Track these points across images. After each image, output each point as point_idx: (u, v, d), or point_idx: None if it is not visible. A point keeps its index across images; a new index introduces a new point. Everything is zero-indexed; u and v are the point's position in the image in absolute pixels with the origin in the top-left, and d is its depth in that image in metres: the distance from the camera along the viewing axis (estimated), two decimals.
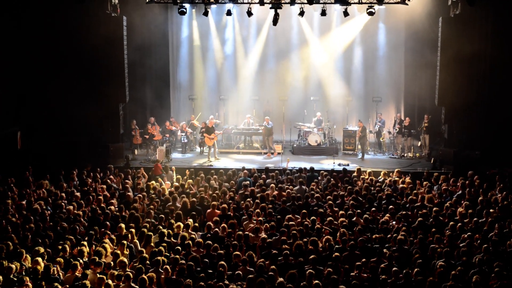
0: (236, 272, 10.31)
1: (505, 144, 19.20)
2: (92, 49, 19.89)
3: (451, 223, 12.97)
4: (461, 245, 11.67)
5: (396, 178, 16.75)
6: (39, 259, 10.77)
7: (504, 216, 13.49)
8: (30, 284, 9.77)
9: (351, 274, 10.42)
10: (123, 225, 12.45)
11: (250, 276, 10.00)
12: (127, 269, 10.46)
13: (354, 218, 13.17)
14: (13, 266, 10.47)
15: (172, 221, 13.01)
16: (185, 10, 18.07)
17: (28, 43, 20.05)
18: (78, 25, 19.58)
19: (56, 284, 9.75)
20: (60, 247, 11.38)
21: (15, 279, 10.10)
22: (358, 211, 13.74)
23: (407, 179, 16.83)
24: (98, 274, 10.34)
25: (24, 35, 19.97)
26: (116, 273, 10.29)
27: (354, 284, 10.00)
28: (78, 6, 15.28)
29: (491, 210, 13.77)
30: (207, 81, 24.42)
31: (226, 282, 9.94)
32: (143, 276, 9.93)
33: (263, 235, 12.18)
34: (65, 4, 17.63)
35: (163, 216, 13.28)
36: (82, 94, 20.03)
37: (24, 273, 10.32)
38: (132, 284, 9.76)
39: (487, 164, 18.28)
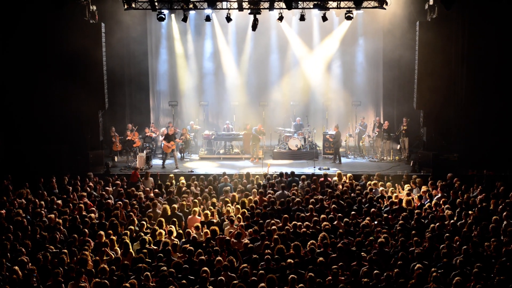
0: (219, 278, 10.31)
1: (483, 147, 19.37)
2: (71, 56, 19.79)
3: (432, 225, 13.08)
4: (441, 247, 11.77)
5: (376, 182, 16.87)
6: (17, 268, 10.69)
7: (482, 217, 13.63)
8: None
9: (334, 277, 10.49)
10: (102, 233, 12.40)
11: (234, 282, 10.01)
12: (108, 277, 10.42)
13: (335, 222, 13.22)
14: None
15: (154, 227, 12.99)
16: (163, 17, 18.06)
17: (8, 51, 19.91)
18: (57, 32, 19.50)
19: None
20: (40, 256, 11.32)
21: None
22: (339, 215, 13.80)
23: (388, 183, 16.95)
24: (79, 283, 10.30)
25: (4, 43, 19.82)
26: (97, 281, 10.24)
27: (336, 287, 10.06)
28: (57, 13, 15.18)
29: (470, 212, 13.91)
30: (187, 87, 24.38)
31: (208, 287, 9.95)
32: (125, 283, 9.89)
33: (245, 240, 12.19)
34: (44, 11, 17.51)
35: (144, 222, 13.25)
36: (61, 101, 19.94)
37: (2, 283, 10.23)
38: None
39: (465, 166, 18.47)
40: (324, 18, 18.96)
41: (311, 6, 17.95)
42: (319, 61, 24.08)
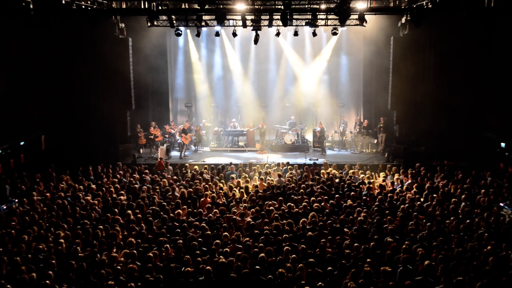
0: (226, 249, 10.40)
1: (445, 141, 19.44)
2: (103, 65, 19.89)
3: (402, 206, 13.14)
4: (410, 224, 11.85)
5: (357, 170, 16.93)
6: (62, 240, 10.81)
7: (444, 199, 13.70)
8: (55, 262, 9.79)
9: (322, 249, 10.57)
10: (130, 212, 12.50)
11: (239, 253, 10.11)
12: (134, 248, 10.52)
13: (323, 203, 13.28)
14: (41, 247, 10.52)
15: (172, 208, 13.07)
16: (180, 32, 18.07)
17: (51, 62, 19.99)
18: (92, 45, 19.57)
19: (76, 261, 9.80)
20: (79, 230, 11.43)
21: (42, 257, 10.15)
22: (326, 197, 13.87)
23: (367, 171, 17.02)
24: (112, 253, 10.40)
25: (48, 55, 19.90)
26: (126, 251, 10.35)
27: (323, 258, 10.14)
28: (92, 29, 15.24)
29: (434, 195, 13.96)
30: (200, 91, 24.38)
31: (217, 257, 10.04)
32: (149, 253, 10.00)
33: (248, 218, 12.28)
34: (82, 28, 17.57)
35: (164, 204, 13.33)
36: (96, 103, 20.04)
37: (48, 253, 10.35)
38: (138, 262, 9.82)
39: (430, 157, 18.51)
40: (314, 34, 18.95)
41: (303, 24, 17.93)
42: (309, 69, 24.02)
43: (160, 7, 15.66)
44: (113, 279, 9.19)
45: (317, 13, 15.78)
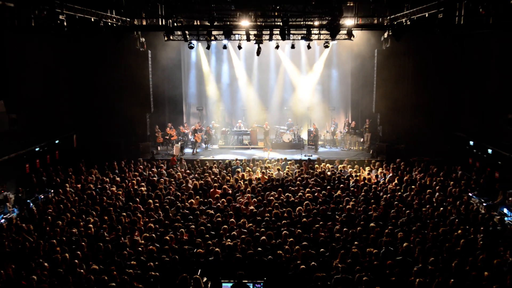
0: (232, 233, 10.44)
1: (422, 140, 19.42)
2: (126, 75, 19.96)
3: (384, 196, 13.18)
4: (391, 211, 11.88)
5: (346, 165, 16.95)
6: (91, 225, 10.87)
7: (421, 190, 13.73)
8: (84, 244, 9.86)
9: (315, 233, 10.60)
10: (151, 201, 12.56)
11: (243, 236, 10.15)
12: (153, 232, 10.57)
13: (316, 194, 13.33)
14: (73, 231, 10.59)
15: (186, 197, 13.13)
16: (193, 45, 18.08)
17: (81, 71, 20.07)
18: (116, 57, 19.62)
19: (103, 243, 9.86)
20: (107, 217, 11.50)
21: (74, 240, 10.22)
22: (319, 188, 13.92)
23: (355, 166, 17.04)
24: (134, 237, 10.46)
25: (79, 65, 19.97)
26: (146, 234, 10.40)
27: (316, 241, 10.18)
28: (116, 43, 15.31)
29: (412, 187, 13.98)
30: (210, 96, 24.39)
31: (225, 240, 10.08)
32: (166, 237, 10.04)
33: (251, 207, 12.32)
34: (108, 42, 17.61)
35: (179, 194, 13.38)
36: (119, 107, 20.09)
37: (79, 236, 10.42)
38: (157, 244, 9.87)
39: (409, 154, 18.53)
40: (309, 47, 18.94)
41: (299, 38, 17.92)
42: (304, 77, 24.01)
43: (175, 24, 15.68)
44: (135, 259, 9.27)
45: (311, 29, 15.76)
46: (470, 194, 13.87)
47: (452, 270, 8.68)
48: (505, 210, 12.75)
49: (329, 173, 15.90)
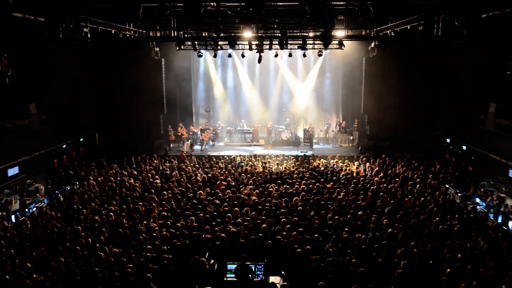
0: (236, 221, 10.46)
1: (404, 138, 19.37)
2: (142, 79, 19.90)
3: (371, 187, 13.19)
4: (377, 201, 11.89)
5: (337, 160, 16.96)
6: (112, 213, 10.91)
7: (404, 182, 13.74)
8: (106, 230, 9.89)
9: (310, 220, 10.62)
10: (165, 192, 12.59)
11: (246, 223, 10.17)
12: (167, 220, 10.59)
13: (311, 186, 13.34)
14: (96, 218, 10.62)
15: (195, 189, 13.14)
16: (201, 54, 18.03)
17: (102, 77, 20.08)
18: (134, 65, 19.56)
19: (122, 229, 9.89)
20: (125, 206, 11.53)
21: (96, 226, 10.25)
22: (313, 181, 13.93)
23: (345, 160, 17.05)
24: (149, 223, 10.48)
25: (100, 72, 19.99)
26: (160, 221, 10.43)
27: (311, 227, 10.20)
28: (134, 52, 15.33)
29: (396, 179, 14.00)
30: (217, 99, 24.32)
31: (230, 227, 10.10)
32: (178, 224, 10.07)
33: (253, 197, 12.34)
34: (126, 51, 17.54)
35: (189, 186, 13.40)
36: (136, 109, 20.08)
37: (101, 223, 10.45)
38: (170, 230, 9.90)
39: (393, 150, 18.50)
40: (304, 55, 18.91)
41: (296, 47, 17.88)
42: (300, 82, 23.93)
43: (186, 35, 15.65)
44: (150, 243, 9.31)
45: (306, 39, 15.72)
46: (447, 186, 13.89)
47: (431, 253, 8.71)
48: (478, 200, 12.75)
49: (322, 167, 15.90)
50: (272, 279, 8.25)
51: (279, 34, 14.25)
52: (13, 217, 11.61)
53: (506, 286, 7.41)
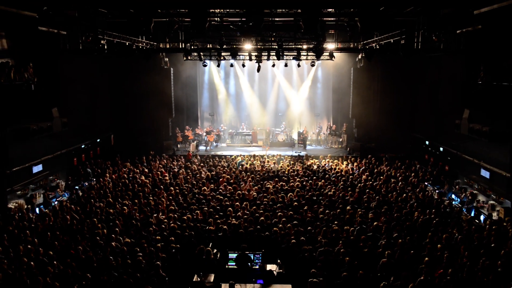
0: (237, 214, 10.45)
1: (388, 140, 19.36)
2: (153, 86, 19.88)
3: (359, 184, 13.19)
4: (364, 197, 11.89)
5: (328, 160, 16.96)
6: (125, 207, 10.89)
7: (387, 180, 13.74)
8: (119, 222, 9.87)
9: (304, 214, 10.61)
10: (172, 188, 12.57)
11: (245, 216, 10.16)
12: (174, 213, 10.58)
13: (304, 183, 13.34)
14: (111, 211, 10.59)
15: (200, 185, 13.14)
16: (206, 64, 17.98)
17: (117, 84, 20.03)
18: (145, 73, 19.53)
19: (134, 221, 9.87)
20: (137, 200, 11.51)
21: (111, 218, 10.23)
22: (306, 178, 13.93)
23: (335, 161, 17.05)
24: (159, 216, 10.46)
25: (116, 79, 19.96)
26: (168, 214, 10.41)
27: (304, 220, 10.19)
28: (146, 62, 15.32)
29: (381, 177, 14.00)
30: (219, 104, 24.27)
31: (231, 219, 10.09)
32: (184, 217, 10.06)
33: (252, 193, 12.34)
34: (139, 60, 17.54)
35: (195, 182, 13.39)
36: (148, 113, 20.05)
37: (116, 215, 10.44)
38: (178, 222, 9.89)
39: (378, 151, 18.50)
40: (298, 65, 18.93)
41: (291, 58, 17.89)
42: (295, 89, 23.88)
43: (192, 47, 15.66)
44: (159, 234, 9.30)
45: (300, 51, 15.72)
46: (426, 183, 13.90)
47: (412, 243, 8.71)
48: (453, 196, 12.79)
49: (315, 166, 15.92)
50: (269, 267, 8.24)
51: (276, 46, 14.28)
52: (37, 209, 11.62)
53: (481, 274, 7.42)
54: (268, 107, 24.16)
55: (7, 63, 10.40)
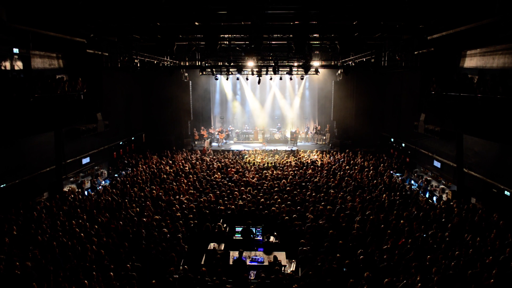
0: (243, 196, 10.46)
1: (363, 137, 19.30)
2: (175, 95, 19.84)
3: (339, 173, 13.16)
4: (343, 183, 11.87)
5: (314, 153, 16.90)
6: (153, 191, 10.90)
7: (361, 169, 13.71)
8: (149, 203, 9.89)
9: (294, 197, 10.62)
10: (190, 176, 12.58)
11: (248, 198, 10.16)
12: (192, 195, 10.59)
13: (296, 172, 13.33)
14: (142, 194, 10.61)
15: (212, 173, 13.13)
16: (217, 78, 17.99)
17: (147, 94, 19.93)
18: (169, 86, 19.49)
19: (161, 202, 9.89)
20: (163, 185, 11.52)
21: (142, 200, 10.24)
22: (297, 168, 13.90)
23: (320, 154, 17.00)
24: (180, 198, 10.44)
25: (146, 90, 19.88)
26: (187, 197, 10.42)
27: (296, 202, 10.19)
28: (169, 76, 15.33)
29: (356, 167, 13.97)
30: (228, 109, 24.16)
31: (237, 201, 10.09)
32: (200, 198, 10.07)
33: (254, 180, 12.34)
34: (164, 75, 17.51)
35: (208, 171, 13.38)
36: (171, 116, 20.00)
37: (146, 196, 10.45)
38: (195, 203, 9.89)
39: (354, 146, 18.47)
40: (291, 79, 18.82)
41: (285, 73, 17.81)
42: (288, 97, 23.75)
43: (206, 64, 15.65)
44: (181, 212, 9.30)
45: (292, 67, 15.68)
46: (391, 172, 13.87)
47: (381, 220, 8.72)
48: (412, 182, 12.78)
49: (304, 158, 15.90)
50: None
51: (273, 64, 14.23)
52: (86, 192, 11.68)
53: (432, 241, 7.44)
54: (267, 111, 24.10)
55: (62, 78, 10.48)
